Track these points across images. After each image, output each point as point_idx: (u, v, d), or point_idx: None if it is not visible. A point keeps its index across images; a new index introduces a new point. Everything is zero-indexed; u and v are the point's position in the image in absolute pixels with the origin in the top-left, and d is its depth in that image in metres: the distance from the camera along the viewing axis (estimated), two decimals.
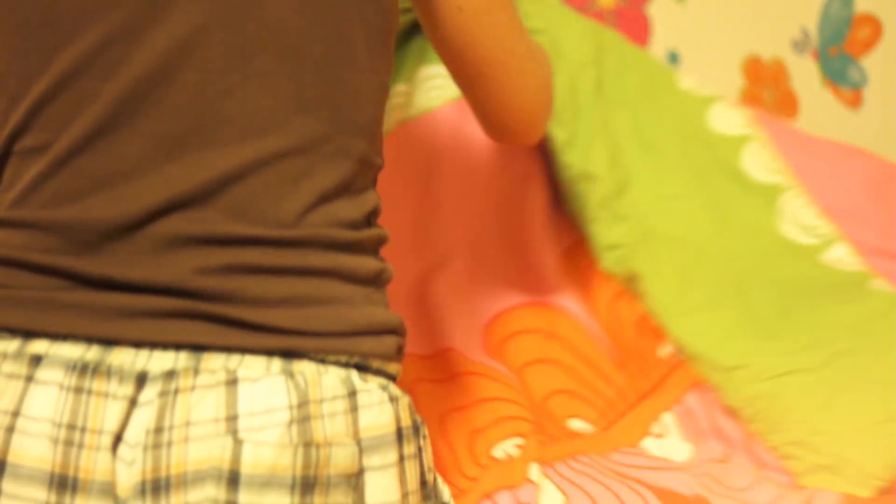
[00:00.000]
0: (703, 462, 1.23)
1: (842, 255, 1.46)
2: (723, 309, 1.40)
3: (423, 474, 0.95)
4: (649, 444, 1.29)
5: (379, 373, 0.94)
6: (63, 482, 0.85)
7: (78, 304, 0.88)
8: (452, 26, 1.10)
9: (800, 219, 1.48)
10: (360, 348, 0.92)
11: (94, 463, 0.85)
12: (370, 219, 1.00)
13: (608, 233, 1.47)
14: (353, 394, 0.89)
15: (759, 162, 1.54)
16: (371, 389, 0.91)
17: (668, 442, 1.29)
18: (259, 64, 0.92)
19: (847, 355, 1.31)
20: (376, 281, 0.97)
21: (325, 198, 0.94)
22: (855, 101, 1.70)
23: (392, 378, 0.96)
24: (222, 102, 0.91)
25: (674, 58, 1.95)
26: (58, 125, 0.90)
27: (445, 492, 1.03)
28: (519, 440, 1.20)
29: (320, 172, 0.94)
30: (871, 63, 1.66)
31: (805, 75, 1.76)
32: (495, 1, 1.12)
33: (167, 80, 0.90)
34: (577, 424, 1.33)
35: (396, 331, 0.96)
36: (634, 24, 1.98)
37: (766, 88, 1.82)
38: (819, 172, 1.54)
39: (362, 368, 0.92)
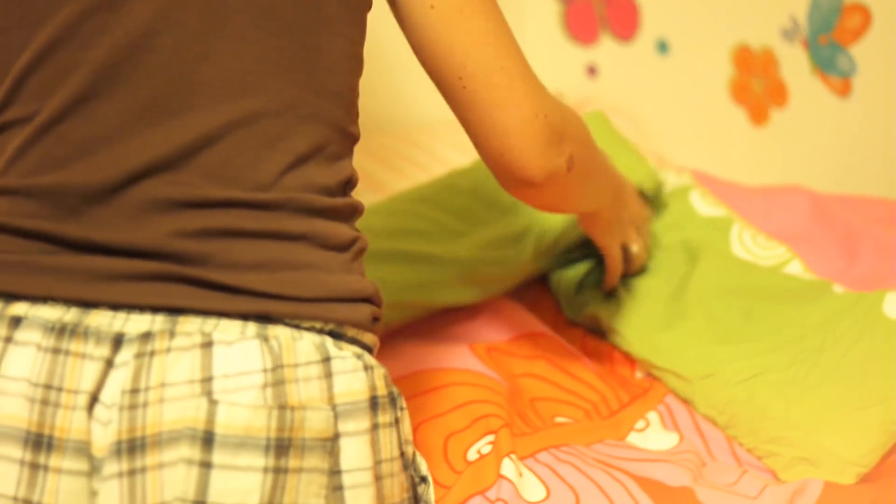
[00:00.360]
0: (688, 452, 1.23)
1: (799, 271, 1.49)
2: (686, 321, 1.42)
3: (400, 445, 0.96)
4: (634, 439, 1.29)
5: (354, 342, 0.94)
6: (38, 441, 0.86)
7: (58, 267, 0.89)
8: (425, 26, 1.04)
9: (753, 244, 1.52)
10: (335, 315, 0.92)
11: (69, 422, 0.85)
12: (345, 188, 1.00)
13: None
14: (327, 360, 0.90)
15: (705, 202, 1.60)
16: (345, 357, 0.91)
17: (651, 433, 1.30)
18: (234, 27, 0.93)
19: (815, 351, 1.31)
20: (351, 248, 0.98)
21: (301, 160, 0.95)
22: (844, 90, 1.69)
23: (368, 349, 0.96)
24: (198, 66, 0.92)
25: (663, 47, 1.94)
26: (40, 96, 0.92)
27: (423, 465, 1.02)
28: (492, 437, 1.19)
29: (295, 135, 0.95)
30: (861, 52, 1.66)
31: (794, 64, 1.76)
32: (472, 3, 1.05)
33: (146, 47, 0.91)
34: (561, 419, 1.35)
35: (371, 299, 0.97)
36: (623, 13, 1.98)
37: (755, 77, 1.82)
38: (758, 208, 1.61)
39: (337, 336, 0.92)
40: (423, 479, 1.01)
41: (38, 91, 0.92)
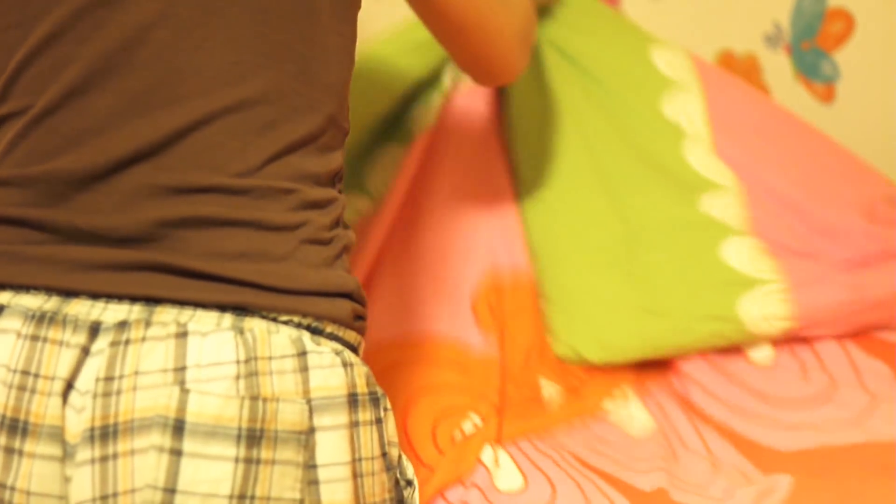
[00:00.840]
0: (662, 443, 1.23)
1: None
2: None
3: (382, 445, 0.95)
4: (610, 406, 1.31)
5: (334, 338, 0.94)
6: (14, 425, 0.87)
7: (41, 256, 0.91)
8: None
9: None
10: (313, 309, 0.92)
11: (44, 408, 0.87)
12: (334, 180, 1.01)
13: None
14: (303, 354, 0.90)
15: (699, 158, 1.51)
16: (323, 352, 0.91)
17: (631, 408, 1.31)
18: (227, 19, 0.94)
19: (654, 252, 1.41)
20: (335, 243, 0.98)
21: (291, 149, 0.96)
22: (828, 96, 1.69)
23: (350, 346, 0.96)
24: (191, 57, 0.93)
25: None
26: (34, 90, 0.94)
27: (410, 470, 1.02)
28: (477, 419, 1.18)
29: (287, 124, 0.96)
30: (844, 57, 1.66)
31: (778, 70, 1.75)
32: None
33: (139, 40, 0.93)
34: (546, 387, 1.35)
35: (352, 295, 0.97)
36: None
37: None
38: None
39: (316, 332, 0.93)
40: (409, 483, 1.01)
41: (32, 86, 0.94)
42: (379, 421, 0.95)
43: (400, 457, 1.00)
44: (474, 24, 1.17)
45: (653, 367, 1.40)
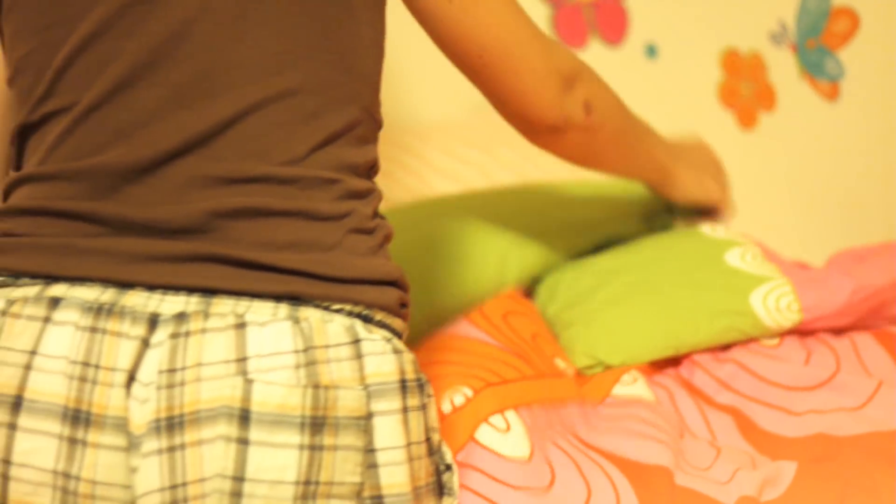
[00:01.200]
0: (666, 417, 1.24)
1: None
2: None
3: (427, 430, 0.97)
4: (619, 390, 1.32)
5: (383, 325, 0.96)
6: (77, 416, 0.88)
7: (95, 249, 0.93)
8: (445, 18, 1.11)
9: (752, 259, 1.48)
10: (364, 297, 0.94)
11: (107, 399, 0.88)
12: (370, 172, 1.03)
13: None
14: (356, 342, 0.92)
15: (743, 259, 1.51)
16: (375, 339, 0.93)
17: (638, 386, 1.32)
18: (267, 12, 0.96)
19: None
20: (377, 233, 0.99)
21: (333, 138, 0.98)
22: (832, 94, 1.69)
23: (396, 333, 0.98)
24: (234, 49, 0.95)
25: (651, 51, 1.94)
26: (79, 87, 0.96)
27: (448, 454, 1.04)
28: (468, 391, 1.19)
29: (328, 113, 0.98)
30: (849, 55, 1.66)
31: (783, 68, 1.76)
32: None
33: (182, 34, 0.95)
34: (561, 364, 1.36)
35: (397, 283, 0.99)
36: (612, 17, 1.98)
37: (743, 81, 1.82)
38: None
39: (367, 319, 0.94)
40: (448, 468, 1.02)
41: (77, 82, 0.96)
42: (424, 407, 0.96)
43: (440, 442, 1.02)
44: (496, 52, 1.15)
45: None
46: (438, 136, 1.89)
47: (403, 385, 0.94)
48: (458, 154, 1.84)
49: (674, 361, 1.42)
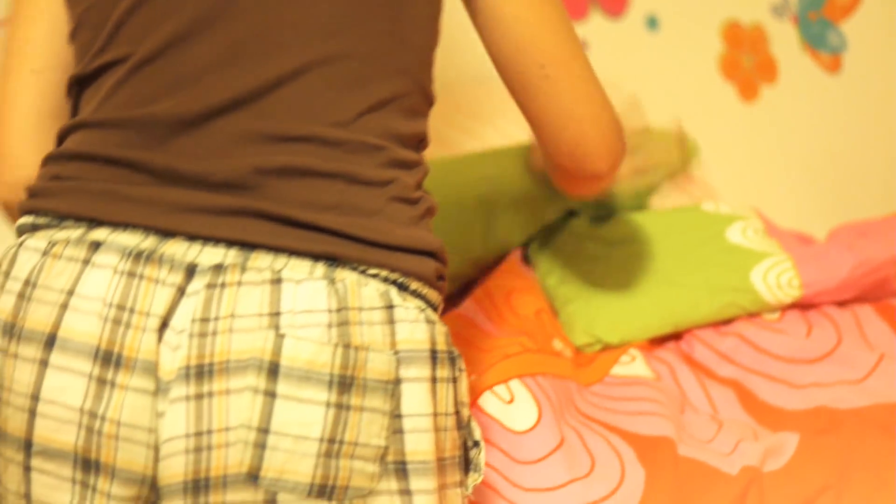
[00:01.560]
0: (666, 390, 1.25)
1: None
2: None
3: (457, 403, 0.97)
4: (618, 370, 1.32)
5: (418, 295, 0.96)
6: (108, 357, 0.88)
7: (139, 197, 0.93)
8: (508, 16, 1.09)
9: (753, 235, 1.48)
10: (401, 265, 0.94)
11: (139, 342, 0.88)
12: (419, 145, 1.03)
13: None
14: (390, 307, 0.92)
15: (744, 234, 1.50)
16: (408, 307, 0.93)
17: (637, 364, 1.33)
18: None
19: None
20: (420, 204, 0.99)
21: (381, 105, 0.98)
22: (834, 66, 1.69)
23: (431, 305, 0.98)
24: (287, 9, 0.96)
25: (653, 23, 1.93)
26: (136, 39, 0.97)
27: (477, 431, 1.03)
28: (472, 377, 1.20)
29: (378, 80, 0.98)
30: (851, 28, 1.65)
31: (784, 40, 1.75)
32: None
33: None
34: (558, 345, 1.36)
35: (437, 254, 0.99)
36: None
37: (745, 53, 1.81)
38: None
39: (402, 287, 0.94)
40: (476, 444, 1.02)
41: (133, 35, 0.97)
42: (454, 380, 0.96)
43: (469, 417, 1.02)
44: (560, 65, 1.10)
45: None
46: (440, 105, 1.88)
47: (434, 355, 0.93)
48: (459, 124, 1.84)
49: (675, 336, 1.42)
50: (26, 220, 0.97)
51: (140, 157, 0.94)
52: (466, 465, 0.99)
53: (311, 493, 0.86)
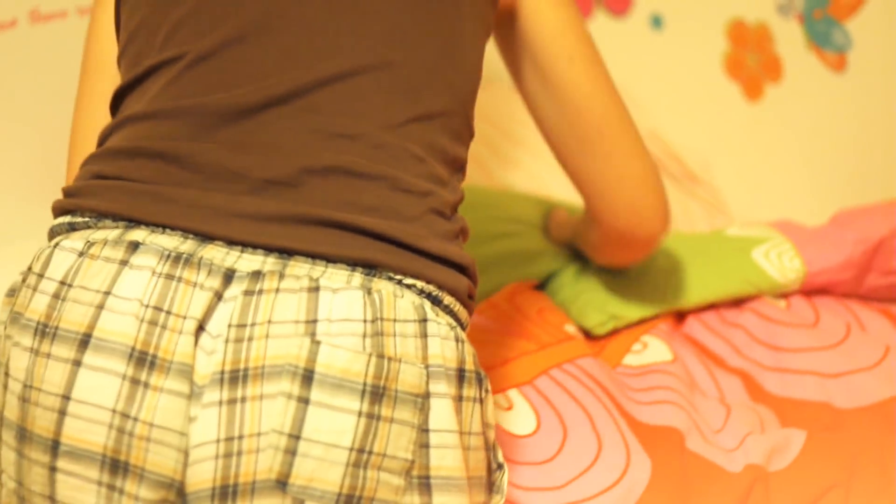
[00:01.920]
0: (679, 374, 1.24)
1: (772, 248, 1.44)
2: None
3: (483, 424, 0.97)
4: (630, 360, 1.31)
5: (449, 312, 0.96)
6: (143, 358, 0.88)
7: (181, 198, 0.94)
8: (567, 81, 1.13)
9: (778, 260, 1.45)
10: (436, 276, 0.94)
11: (174, 345, 0.88)
12: (458, 171, 1.04)
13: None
14: (423, 321, 0.92)
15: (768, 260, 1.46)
16: (440, 323, 0.93)
17: (649, 351, 1.32)
18: None
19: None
20: (456, 223, 1.00)
21: (428, 117, 0.99)
22: (839, 65, 1.68)
23: (461, 323, 0.98)
24: (344, 17, 0.98)
25: (657, 21, 1.93)
26: (192, 40, 0.99)
27: (500, 453, 1.03)
28: None
29: (428, 95, 1.00)
30: (856, 26, 1.64)
31: (790, 39, 1.74)
32: (598, 54, 1.16)
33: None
34: (571, 329, 1.36)
35: (469, 272, 0.99)
36: None
37: (750, 52, 1.80)
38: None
39: (435, 302, 0.95)
40: (500, 467, 1.02)
41: (186, 38, 0.99)
42: (481, 400, 0.96)
43: (495, 440, 1.01)
44: (614, 122, 1.15)
45: (669, 318, 1.43)
46: None
47: (461, 374, 0.93)
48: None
49: (680, 322, 1.41)
50: (62, 220, 0.97)
51: (186, 149, 0.95)
52: (490, 486, 0.99)
53: (339, 502, 0.87)
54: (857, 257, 1.39)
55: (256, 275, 0.90)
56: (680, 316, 1.43)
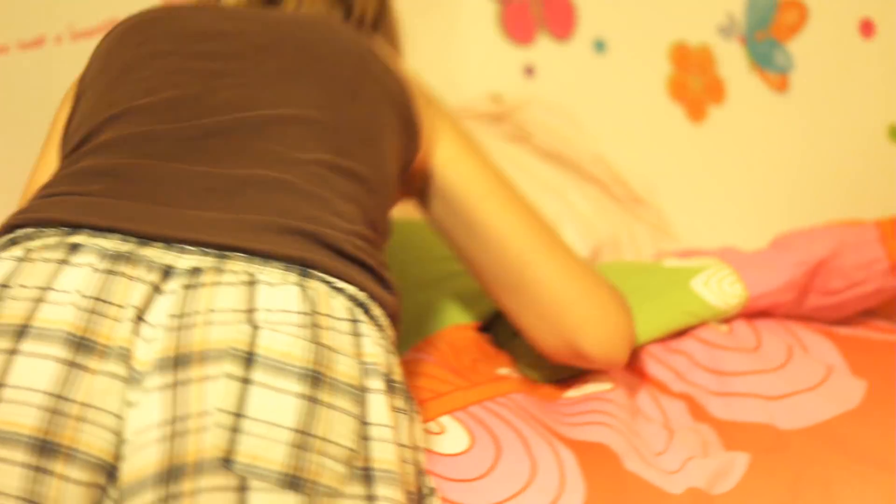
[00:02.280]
0: (617, 401, 1.23)
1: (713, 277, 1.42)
2: None
3: (413, 441, 0.99)
4: (570, 393, 1.30)
5: (378, 325, 0.98)
6: (82, 343, 0.89)
7: (123, 206, 0.99)
8: (485, 218, 1.21)
9: (718, 287, 1.42)
10: (367, 285, 0.98)
11: (114, 331, 0.90)
12: (378, 230, 1.10)
13: None
14: (355, 321, 0.95)
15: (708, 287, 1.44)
16: (372, 329, 0.96)
17: (588, 384, 1.30)
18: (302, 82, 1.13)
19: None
20: (381, 258, 1.06)
21: (359, 179, 1.08)
22: (782, 86, 1.69)
23: (389, 340, 1.01)
24: (279, 84, 1.12)
25: (600, 46, 1.93)
26: (140, 96, 1.10)
27: (430, 479, 1.04)
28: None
29: (356, 163, 1.08)
30: (798, 47, 1.65)
31: (732, 60, 1.75)
32: (513, 190, 1.23)
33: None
34: (504, 371, 1.34)
35: (397, 293, 1.04)
36: (560, 12, 1.97)
37: (693, 75, 1.81)
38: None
39: (366, 311, 0.97)
40: (432, 492, 1.02)
41: (139, 94, 1.09)
42: (410, 417, 0.99)
43: (424, 466, 1.02)
44: (540, 249, 1.22)
45: None
46: None
47: (391, 383, 0.95)
48: None
49: None
50: (4, 238, 0.98)
51: (132, 165, 1.01)
52: None
53: (283, 483, 0.87)
54: (798, 279, 1.39)
55: (195, 271, 0.93)
56: None
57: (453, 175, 1.22)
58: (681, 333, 1.37)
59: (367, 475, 0.90)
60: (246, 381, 0.88)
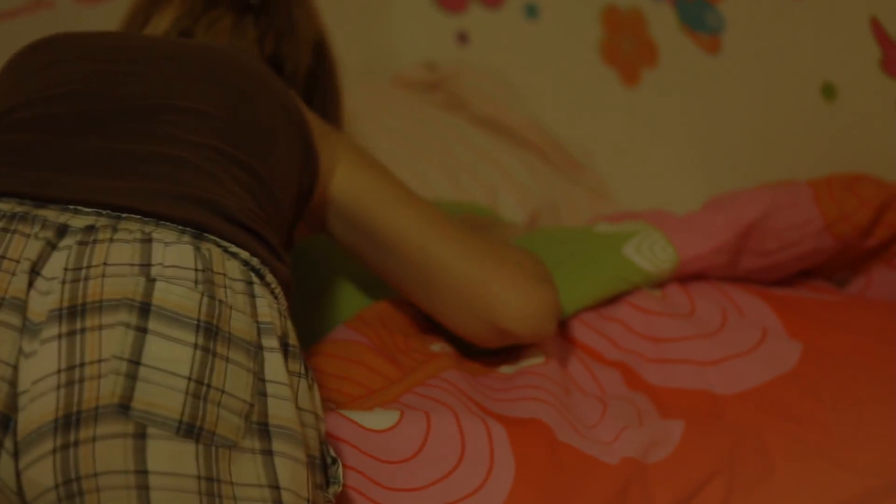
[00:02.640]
0: (551, 376, 1.22)
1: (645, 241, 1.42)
2: None
3: (314, 407, 0.99)
4: (505, 369, 1.29)
5: (272, 293, 1.00)
6: None
7: (20, 173, 1.00)
8: (377, 217, 1.24)
9: (650, 251, 1.41)
10: (260, 252, 1.00)
11: (7, 283, 0.91)
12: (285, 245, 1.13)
13: None
14: (250, 283, 0.97)
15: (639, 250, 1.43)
16: (265, 291, 0.98)
17: (521, 358, 1.29)
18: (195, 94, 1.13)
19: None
20: (277, 240, 1.07)
21: (256, 177, 1.09)
22: (713, 47, 1.68)
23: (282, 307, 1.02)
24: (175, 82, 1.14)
25: (532, 11, 1.92)
26: (42, 89, 1.11)
27: (332, 449, 1.03)
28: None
29: (254, 162, 1.09)
30: (729, 8, 1.65)
31: (663, 22, 1.74)
32: (407, 192, 1.27)
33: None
34: (436, 345, 1.32)
35: (287, 263, 1.06)
36: None
37: (625, 38, 1.80)
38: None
39: (259, 277, 0.99)
40: (334, 461, 1.01)
41: (41, 88, 1.11)
42: (309, 384, 0.99)
43: (325, 434, 1.02)
44: (438, 241, 1.23)
45: None
46: None
47: (286, 346, 0.96)
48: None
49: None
50: None
51: (32, 139, 1.03)
52: (326, 477, 0.99)
53: (180, 431, 0.87)
54: (731, 241, 1.38)
55: (90, 228, 0.94)
56: None
57: (350, 192, 1.25)
58: (615, 300, 1.36)
59: (264, 430, 0.91)
60: (142, 329, 0.89)
